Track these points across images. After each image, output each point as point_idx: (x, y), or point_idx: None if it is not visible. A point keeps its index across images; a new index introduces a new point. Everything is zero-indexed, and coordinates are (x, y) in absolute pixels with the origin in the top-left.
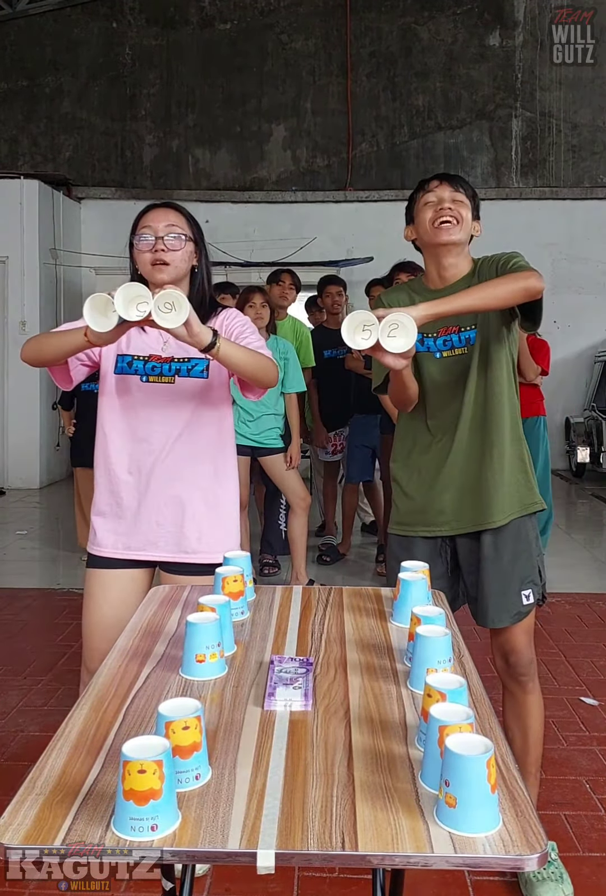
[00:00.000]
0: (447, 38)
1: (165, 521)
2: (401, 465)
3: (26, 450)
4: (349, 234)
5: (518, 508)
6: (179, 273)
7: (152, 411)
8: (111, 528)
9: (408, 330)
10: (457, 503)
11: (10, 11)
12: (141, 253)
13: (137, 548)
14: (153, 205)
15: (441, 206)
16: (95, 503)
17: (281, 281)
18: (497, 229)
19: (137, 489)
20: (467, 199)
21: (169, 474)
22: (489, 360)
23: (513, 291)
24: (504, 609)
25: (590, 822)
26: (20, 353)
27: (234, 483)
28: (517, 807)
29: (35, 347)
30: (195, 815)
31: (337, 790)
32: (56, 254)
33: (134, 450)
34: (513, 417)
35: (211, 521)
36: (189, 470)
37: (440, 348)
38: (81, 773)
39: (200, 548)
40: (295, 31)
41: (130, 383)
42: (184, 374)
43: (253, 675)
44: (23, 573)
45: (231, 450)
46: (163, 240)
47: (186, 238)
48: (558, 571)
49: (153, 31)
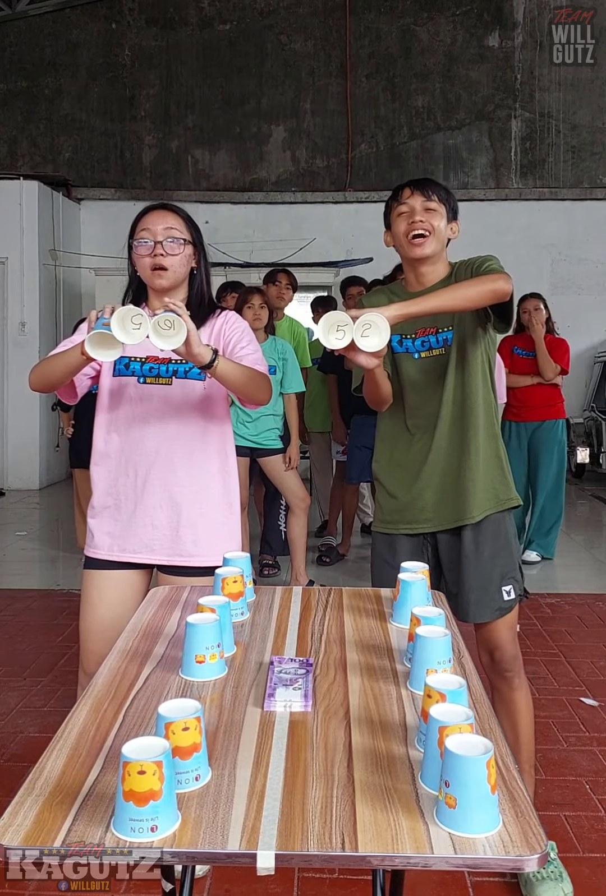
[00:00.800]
0: (447, 39)
1: (160, 524)
2: (383, 464)
3: (26, 451)
4: (349, 234)
5: (495, 504)
6: (179, 277)
7: (149, 413)
8: (107, 530)
9: (381, 330)
10: (437, 500)
11: (10, 12)
12: (140, 257)
13: (133, 550)
14: (151, 207)
15: (413, 220)
16: (92, 505)
17: (278, 281)
18: (497, 230)
19: (133, 491)
20: (440, 203)
21: (165, 476)
22: (465, 360)
23: (481, 293)
24: (485, 604)
25: (590, 823)
26: (29, 384)
27: (234, 485)
28: (517, 807)
29: (40, 376)
30: (195, 815)
31: (337, 791)
32: (55, 255)
33: (130, 451)
34: (488, 415)
35: (208, 525)
36: (186, 472)
37: (419, 349)
38: (81, 774)
39: (196, 551)
40: (294, 31)
41: (128, 385)
42: (181, 376)
43: (253, 675)
44: (22, 574)
45: (230, 451)
46: (161, 244)
47: (185, 241)
48: (558, 572)
49: (153, 31)
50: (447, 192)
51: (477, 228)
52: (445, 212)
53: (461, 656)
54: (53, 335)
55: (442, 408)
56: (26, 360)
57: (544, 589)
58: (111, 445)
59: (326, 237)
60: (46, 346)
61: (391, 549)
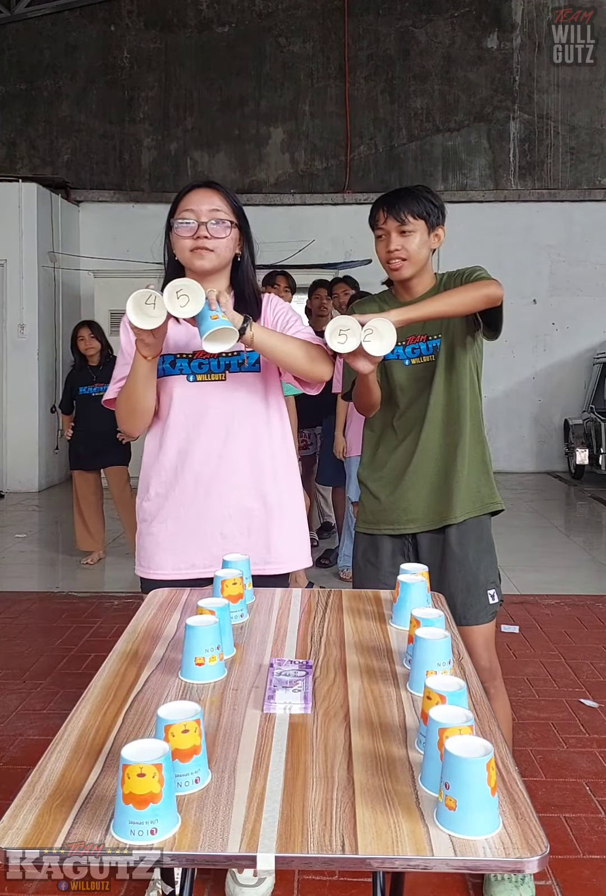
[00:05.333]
0: (445, 41)
1: (230, 533)
2: (367, 466)
3: (25, 453)
4: (348, 236)
5: (479, 506)
6: (222, 262)
7: (205, 413)
8: (167, 547)
9: (383, 334)
10: (421, 501)
11: (8, 15)
12: (180, 238)
13: (203, 565)
14: (196, 184)
15: (388, 248)
16: (144, 519)
17: (276, 284)
18: (496, 231)
19: (194, 500)
20: (417, 220)
21: (229, 480)
22: (453, 366)
23: (476, 298)
24: (470, 606)
25: (590, 825)
26: (127, 435)
27: (298, 485)
28: (518, 809)
29: (131, 414)
30: (195, 818)
31: (337, 793)
32: (54, 257)
33: (188, 458)
34: (474, 420)
35: (280, 529)
36: (251, 473)
37: (409, 356)
38: (81, 776)
39: (270, 558)
40: (293, 33)
41: (175, 385)
42: (235, 369)
43: (253, 677)
44: (22, 576)
45: (292, 449)
46: (206, 226)
47: (232, 224)
48: (557, 573)
49: (151, 34)
50: (427, 202)
51: (476, 230)
52: (424, 226)
53: (461, 658)
54: (52, 337)
55: (429, 411)
56: (25, 362)
57: (543, 590)
58: (165, 453)
59: (325, 239)
60: (45, 347)
61: (374, 550)
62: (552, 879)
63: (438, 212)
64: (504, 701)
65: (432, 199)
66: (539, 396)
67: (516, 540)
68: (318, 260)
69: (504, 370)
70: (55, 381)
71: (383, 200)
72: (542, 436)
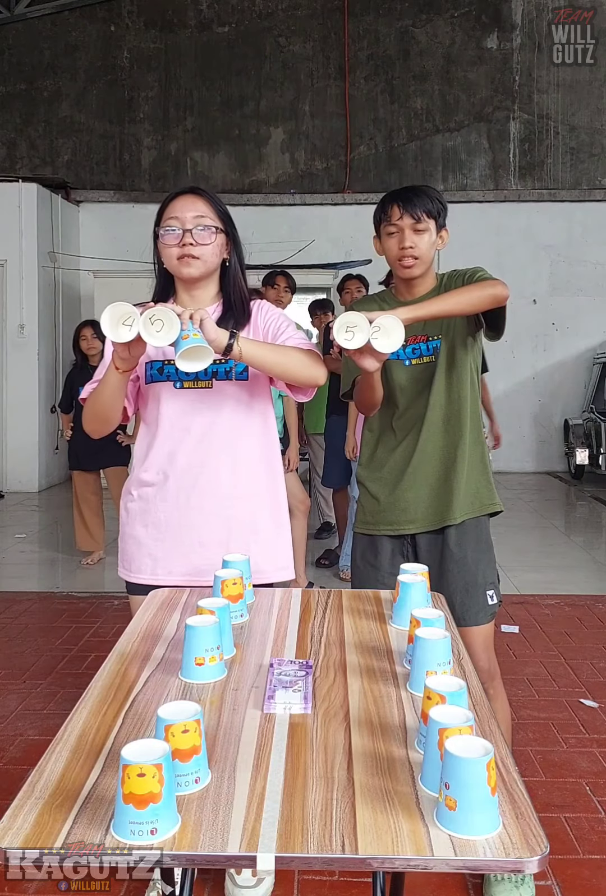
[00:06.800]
0: (445, 41)
1: (210, 542)
2: (366, 466)
3: (25, 453)
4: (348, 236)
5: (478, 507)
6: (210, 268)
7: (190, 420)
8: (148, 552)
9: (391, 332)
10: (421, 502)
11: (9, 15)
12: (166, 247)
13: (181, 573)
14: (179, 191)
15: (403, 245)
16: (127, 523)
17: (276, 284)
18: (496, 231)
19: (176, 508)
20: (429, 219)
21: (211, 490)
22: (453, 367)
23: (482, 297)
24: (469, 606)
25: (590, 825)
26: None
27: (283, 497)
28: (518, 809)
29: (93, 418)
30: (195, 818)
31: (337, 793)
32: (54, 257)
33: (171, 464)
34: (474, 421)
35: (260, 540)
36: (232, 482)
37: (410, 356)
38: (81, 776)
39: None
40: (293, 33)
41: (162, 391)
42: (222, 377)
43: (253, 678)
44: (22, 577)
45: (277, 459)
46: (191, 232)
47: (217, 230)
48: (557, 574)
49: (151, 34)
50: (437, 202)
51: (476, 230)
52: (434, 226)
53: (461, 658)
54: (52, 337)
55: (428, 411)
56: (25, 362)
57: (544, 591)
58: (149, 459)
59: (324, 239)
60: (45, 348)
61: (373, 550)
62: (552, 879)
63: (445, 213)
64: (504, 701)
65: (440, 199)
66: (539, 396)
67: (516, 540)
68: (318, 260)
69: (504, 370)
70: (55, 381)
71: (397, 196)
72: (542, 436)
